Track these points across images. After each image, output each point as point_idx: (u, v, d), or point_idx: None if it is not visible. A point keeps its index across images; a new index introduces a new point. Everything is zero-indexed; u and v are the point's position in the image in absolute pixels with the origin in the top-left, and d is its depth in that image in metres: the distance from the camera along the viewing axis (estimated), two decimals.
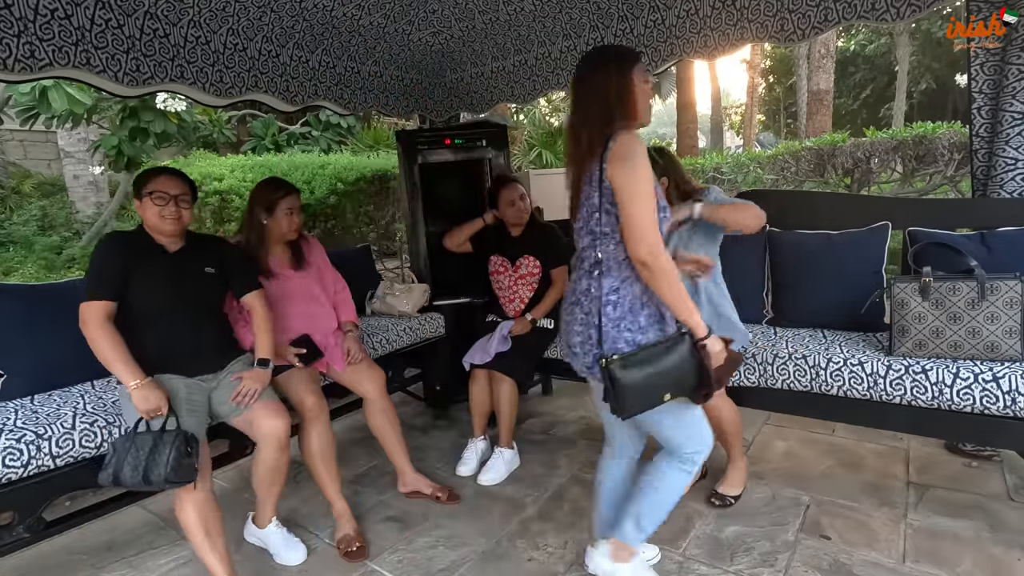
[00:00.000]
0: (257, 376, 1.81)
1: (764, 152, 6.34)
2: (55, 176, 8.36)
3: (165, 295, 1.72)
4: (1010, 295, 1.67)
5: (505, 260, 2.60)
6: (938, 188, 5.15)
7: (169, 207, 1.71)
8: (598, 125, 1.34)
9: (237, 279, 1.90)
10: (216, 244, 1.93)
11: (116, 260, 1.67)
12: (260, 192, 2.10)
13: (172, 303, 1.73)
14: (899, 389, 1.72)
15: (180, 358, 1.74)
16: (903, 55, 14.37)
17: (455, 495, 2.23)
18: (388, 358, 2.64)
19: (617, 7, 2.79)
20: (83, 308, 1.62)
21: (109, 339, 1.60)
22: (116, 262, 1.67)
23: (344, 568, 1.87)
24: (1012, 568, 1.64)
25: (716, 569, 1.72)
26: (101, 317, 1.62)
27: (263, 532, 1.94)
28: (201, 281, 1.81)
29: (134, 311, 1.69)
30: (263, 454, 1.79)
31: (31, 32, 1.91)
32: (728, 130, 21.86)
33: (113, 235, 1.77)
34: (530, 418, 3.02)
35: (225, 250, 1.93)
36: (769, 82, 19.77)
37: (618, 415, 1.32)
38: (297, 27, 2.68)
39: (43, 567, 1.98)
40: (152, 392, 1.59)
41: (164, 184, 1.72)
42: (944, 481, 2.12)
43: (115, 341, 1.61)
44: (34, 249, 5.63)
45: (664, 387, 1.31)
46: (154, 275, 1.71)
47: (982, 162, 2.16)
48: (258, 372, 1.82)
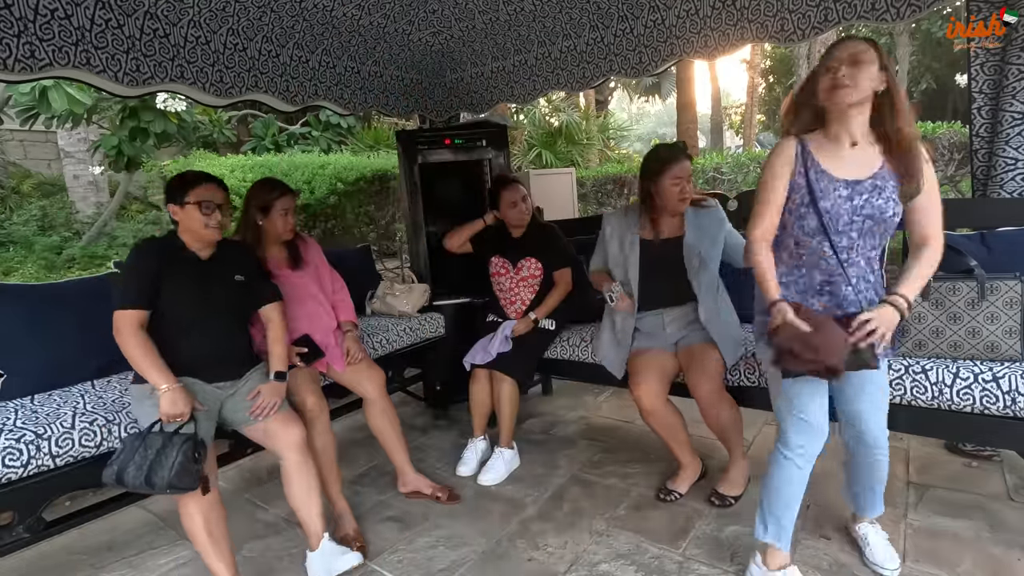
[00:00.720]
0: (275, 390, 1.80)
1: (764, 152, 6.34)
2: (55, 176, 8.36)
3: (196, 302, 1.72)
4: (1010, 295, 1.67)
5: (506, 262, 2.60)
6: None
7: (215, 216, 1.71)
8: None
9: (260, 289, 1.91)
10: (244, 252, 1.93)
11: (150, 267, 1.66)
12: (255, 193, 2.09)
13: (202, 310, 1.73)
14: (899, 389, 1.72)
15: (205, 365, 1.74)
16: (903, 55, 14.37)
17: (455, 495, 2.23)
18: (388, 358, 2.64)
19: (617, 7, 2.78)
20: (117, 316, 1.62)
21: (142, 346, 1.60)
22: (150, 269, 1.66)
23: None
24: (1012, 568, 1.64)
25: (716, 569, 1.72)
26: (134, 325, 1.61)
27: (316, 555, 1.80)
28: (231, 289, 1.80)
29: (166, 317, 1.69)
30: (286, 465, 1.76)
31: (31, 32, 1.91)
32: (728, 130, 21.84)
33: (146, 242, 1.76)
34: (530, 418, 3.03)
35: (252, 258, 1.94)
36: (769, 82, 19.75)
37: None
38: (297, 27, 2.68)
39: (43, 567, 1.98)
40: (181, 397, 1.58)
41: (210, 193, 1.72)
42: (944, 481, 2.12)
43: (147, 348, 1.61)
44: (34, 249, 5.62)
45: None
46: (186, 282, 1.71)
47: (982, 162, 2.16)
48: (275, 386, 1.81)
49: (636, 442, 2.64)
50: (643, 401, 2.01)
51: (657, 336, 2.13)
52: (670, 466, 2.23)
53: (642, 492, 2.19)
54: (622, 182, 6.28)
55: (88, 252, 5.63)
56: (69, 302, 2.05)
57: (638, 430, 2.76)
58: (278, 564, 1.91)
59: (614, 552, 1.84)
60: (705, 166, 6.17)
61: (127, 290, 1.64)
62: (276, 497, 2.31)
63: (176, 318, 1.69)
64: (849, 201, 1.39)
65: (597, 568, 1.77)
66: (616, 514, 2.06)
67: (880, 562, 1.66)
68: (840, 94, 1.34)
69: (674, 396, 2.09)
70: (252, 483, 2.51)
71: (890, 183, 1.39)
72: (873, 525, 1.74)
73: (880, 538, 1.71)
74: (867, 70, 1.32)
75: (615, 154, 11.29)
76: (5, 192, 7.52)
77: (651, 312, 2.15)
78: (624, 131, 13.23)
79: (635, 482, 2.27)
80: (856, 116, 1.38)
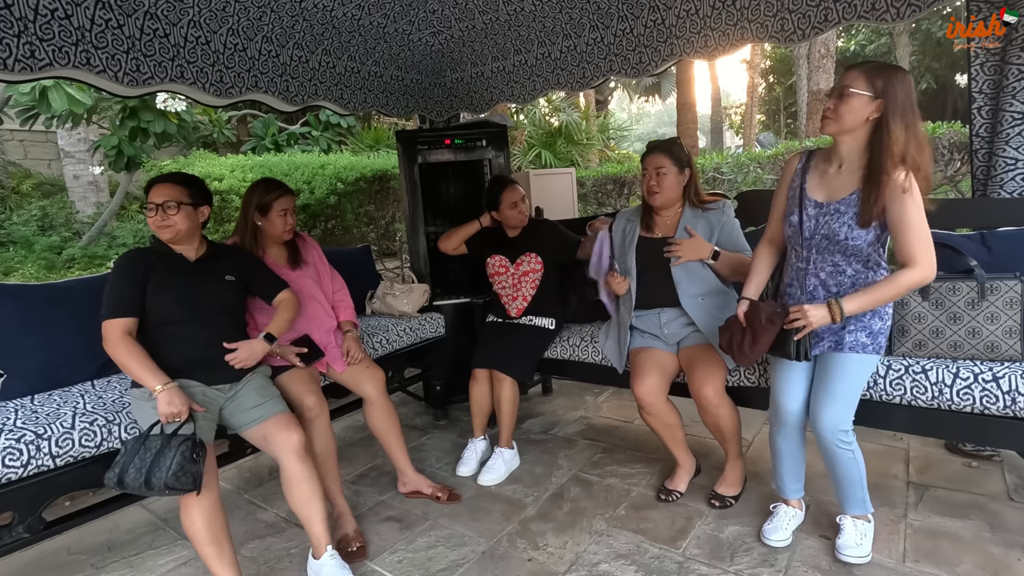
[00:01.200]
0: (251, 347, 1.80)
1: (764, 152, 6.34)
2: (55, 176, 8.37)
3: (186, 304, 1.72)
4: (1010, 295, 1.67)
5: (505, 259, 2.60)
6: (938, 188, 5.15)
7: (157, 217, 1.72)
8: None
9: (264, 285, 1.93)
10: (237, 253, 1.94)
11: (135, 274, 1.68)
12: (253, 193, 2.09)
13: (193, 311, 1.73)
14: (899, 389, 1.72)
15: (200, 366, 1.74)
16: (903, 55, 14.37)
17: (455, 495, 2.23)
18: (388, 358, 2.64)
19: (617, 7, 2.79)
20: (105, 326, 1.63)
21: (130, 352, 1.60)
22: (135, 276, 1.67)
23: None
24: (1012, 568, 1.64)
25: (716, 569, 1.72)
26: (121, 333, 1.62)
27: (318, 564, 1.75)
28: (222, 289, 1.81)
29: (156, 320, 1.69)
30: (285, 469, 1.74)
31: (31, 32, 1.91)
32: (728, 130, 21.85)
33: (129, 253, 1.76)
34: (530, 418, 3.03)
35: (247, 259, 1.95)
36: (769, 82, 19.76)
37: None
38: (297, 27, 2.68)
39: (43, 567, 1.98)
40: (177, 395, 1.58)
41: (153, 194, 1.73)
42: (944, 481, 2.12)
43: (136, 352, 1.61)
44: (34, 249, 5.63)
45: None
46: (174, 284, 1.72)
47: (982, 162, 2.16)
48: (254, 343, 1.81)
49: (636, 442, 2.64)
50: (643, 399, 2.01)
51: (657, 335, 2.13)
52: (669, 466, 2.23)
53: (642, 492, 2.19)
54: (622, 182, 6.28)
55: (88, 252, 5.64)
56: (69, 302, 2.05)
57: (638, 430, 2.76)
58: (278, 564, 1.91)
59: (614, 552, 1.84)
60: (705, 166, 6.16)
61: (111, 299, 1.65)
62: (276, 497, 2.31)
63: (165, 319, 1.70)
64: (813, 220, 1.58)
65: (597, 568, 1.77)
66: (616, 514, 2.06)
67: (842, 547, 1.69)
68: (823, 124, 1.50)
69: (673, 396, 2.09)
70: (252, 483, 2.51)
71: (852, 210, 1.52)
72: (855, 521, 1.73)
73: (855, 529, 1.71)
74: (851, 103, 1.43)
75: (615, 154, 11.29)
76: (5, 192, 7.53)
77: (649, 311, 2.15)
78: (624, 131, 13.23)
79: (635, 482, 2.27)
80: (845, 142, 1.51)
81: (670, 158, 2.06)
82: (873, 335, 1.61)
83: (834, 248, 1.56)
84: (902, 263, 1.48)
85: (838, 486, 1.71)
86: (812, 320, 1.53)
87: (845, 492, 1.70)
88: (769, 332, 1.61)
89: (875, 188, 1.44)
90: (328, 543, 1.76)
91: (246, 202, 2.09)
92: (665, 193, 2.07)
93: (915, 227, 1.44)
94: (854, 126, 1.46)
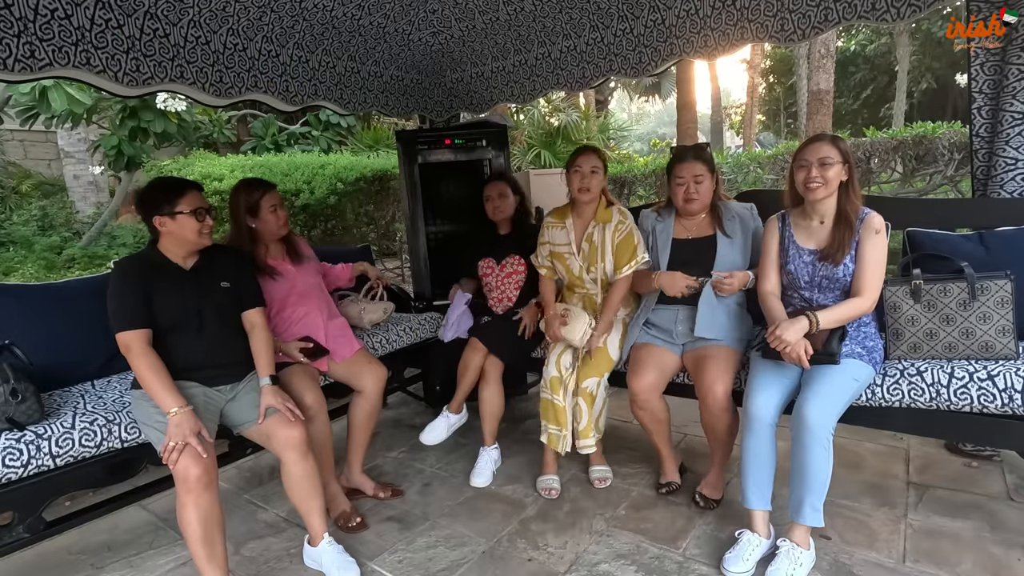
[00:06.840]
0: (274, 392, 1.79)
1: (764, 152, 6.33)
2: (55, 176, 8.37)
3: (185, 313, 1.72)
4: (1000, 294, 1.67)
5: (492, 261, 2.63)
6: (938, 188, 5.14)
7: (207, 221, 1.72)
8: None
9: (246, 293, 1.89)
10: (229, 255, 1.91)
11: (135, 286, 1.65)
12: (239, 196, 2.07)
13: (192, 320, 1.73)
14: (896, 394, 1.71)
15: (201, 370, 1.74)
16: (903, 55, 14.38)
17: (399, 491, 2.27)
18: (388, 358, 2.64)
19: (617, 7, 2.79)
20: (124, 337, 1.61)
21: (153, 368, 1.59)
22: (136, 288, 1.65)
23: None
24: (1012, 568, 1.64)
25: (716, 569, 1.72)
26: (144, 345, 1.61)
27: (316, 551, 1.81)
28: (218, 296, 1.80)
29: (159, 329, 1.68)
30: (287, 465, 1.75)
31: (31, 32, 1.91)
32: (728, 130, 21.84)
33: (130, 260, 1.74)
34: (530, 418, 3.02)
35: (240, 261, 1.93)
36: (769, 82, 19.76)
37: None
38: (297, 27, 2.68)
39: (43, 567, 1.98)
40: (188, 421, 1.57)
41: (200, 199, 1.72)
42: (944, 481, 2.12)
43: (158, 368, 1.60)
44: (34, 249, 5.63)
45: None
46: (173, 294, 1.70)
47: (982, 162, 2.16)
48: (273, 389, 1.79)
49: (636, 442, 2.64)
50: (639, 394, 2.03)
51: (667, 332, 2.13)
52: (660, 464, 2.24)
53: (642, 492, 2.19)
54: (622, 182, 6.27)
55: (88, 252, 5.64)
56: (69, 302, 2.05)
57: (638, 430, 2.75)
58: (278, 564, 1.91)
59: (614, 552, 1.84)
60: None
61: (126, 309, 1.63)
62: (276, 497, 2.31)
63: (164, 328, 1.69)
64: (812, 266, 1.79)
65: (597, 568, 1.77)
66: (616, 514, 2.06)
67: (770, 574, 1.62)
68: (813, 192, 1.73)
69: (667, 395, 2.11)
70: (252, 483, 2.51)
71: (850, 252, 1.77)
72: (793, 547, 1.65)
73: (789, 558, 1.63)
74: (833, 171, 1.70)
75: (615, 154, 11.28)
76: (5, 192, 7.52)
77: (667, 307, 2.15)
78: (624, 131, 13.21)
79: (635, 482, 2.27)
80: (825, 201, 1.76)
81: (706, 165, 2.08)
82: (868, 349, 1.73)
83: (835, 286, 1.77)
84: (854, 292, 1.73)
85: (801, 486, 1.63)
86: (789, 339, 1.66)
87: (805, 494, 1.62)
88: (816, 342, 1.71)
89: (848, 229, 1.74)
90: (326, 531, 1.80)
91: (234, 208, 2.07)
92: (703, 199, 2.09)
93: (877, 264, 1.71)
94: (835, 188, 1.74)
